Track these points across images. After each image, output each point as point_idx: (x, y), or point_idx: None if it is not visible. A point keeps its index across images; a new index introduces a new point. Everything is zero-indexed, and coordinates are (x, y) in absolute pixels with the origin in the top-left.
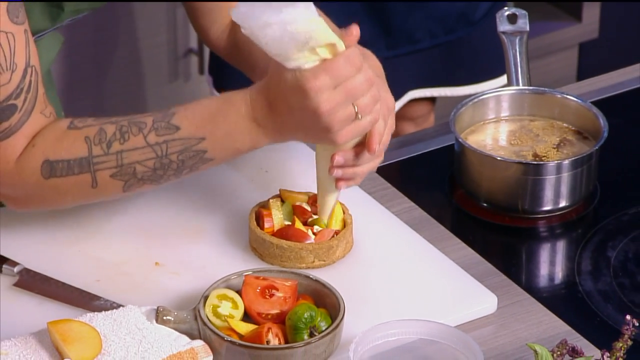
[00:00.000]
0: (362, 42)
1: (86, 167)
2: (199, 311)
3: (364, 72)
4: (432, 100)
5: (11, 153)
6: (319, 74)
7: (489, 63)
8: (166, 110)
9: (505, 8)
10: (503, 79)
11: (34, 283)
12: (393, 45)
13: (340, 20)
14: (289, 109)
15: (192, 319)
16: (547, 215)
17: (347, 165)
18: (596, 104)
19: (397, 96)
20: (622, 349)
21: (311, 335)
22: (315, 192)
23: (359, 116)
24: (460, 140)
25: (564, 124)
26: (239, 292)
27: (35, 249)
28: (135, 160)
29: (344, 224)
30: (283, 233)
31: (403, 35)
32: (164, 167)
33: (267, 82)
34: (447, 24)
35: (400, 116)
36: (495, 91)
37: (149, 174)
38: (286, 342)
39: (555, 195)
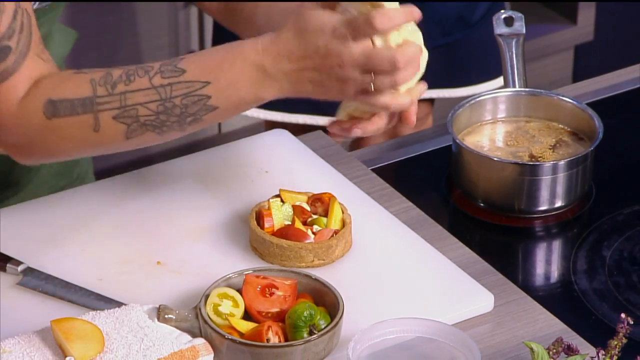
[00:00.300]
0: None
1: (89, 107)
2: (200, 309)
3: (406, 51)
4: (430, 101)
5: (13, 95)
6: (365, 23)
7: (485, 65)
8: (176, 57)
9: (502, 11)
10: (500, 81)
11: (37, 282)
12: None
13: None
14: (310, 54)
15: (193, 317)
16: (543, 215)
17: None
18: (591, 105)
19: None
20: (617, 347)
21: (311, 333)
22: (314, 192)
23: (372, 87)
24: (457, 141)
25: (560, 125)
26: (239, 290)
27: (39, 249)
28: (139, 101)
29: (343, 224)
30: (283, 232)
31: None
32: (167, 112)
33: (283, 32)
34: (444, 27)
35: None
36: (492, 93)
37: (152, 119)
38: (286, 340)
39: (551, 195)
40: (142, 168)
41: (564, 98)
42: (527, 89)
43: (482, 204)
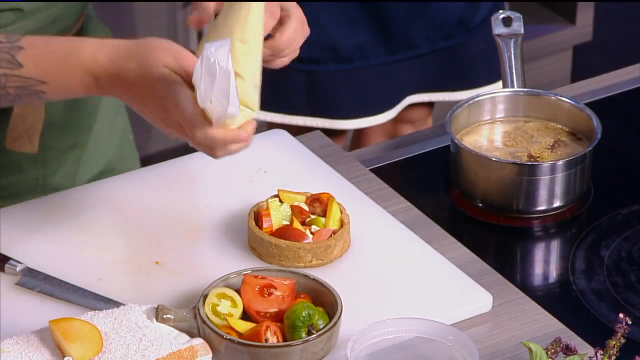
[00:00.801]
0: (362, 48)
1: None
2: (198, 310)
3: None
4: (430, 104)
5: None
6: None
7: (486, 68)
8: (15, 39)
9: (500, 11)
10: (499, 85)
11: (36, 282)
12: (392, 51)
13: (340, 26)
14: (144, 96)
15: (191, 317)
16: (541, 215)
17: None
18: (590, 105)
19: (396, 101)
20: (615, 346)
21: (309, 333)
22: (313, 192)
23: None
24: (456, 141)
25: (558, 125)
26: (237, 291)
27: (37, 249)
28: None
29: (342, 224)
30: (281, 233)
31: (402, 40)
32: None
33: (126, 60)
34: (445, 30)
35: (399, 119)
36: (491, 93)
37: None
38: (284, 340)
39: (550, 195)
40: (140, 168)
41: (562, 98)
42: (525, 89)
43: (480, 204)
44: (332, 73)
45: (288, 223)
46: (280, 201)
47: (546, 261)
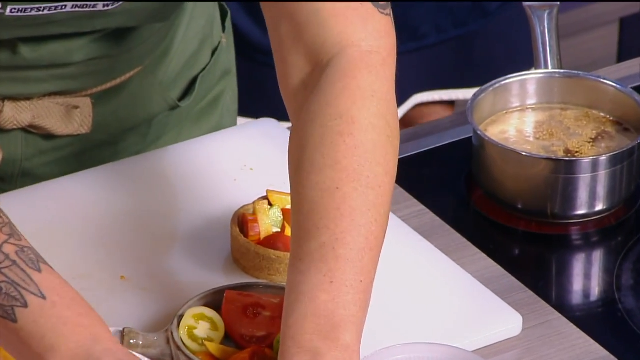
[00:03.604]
0: None
1: None
2: (171, 333)
3: None
4: (450, 102)
5: None
6: None
7: (508, 60)
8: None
9: None
10: None
11: None
12: None
13: None
14: None
15: (163, 342)
16: (581, 220)
17: None
18: (639, 89)
19: (400, 100)
20: None
21: None
22: None
23: None
24: (479, 132)
25: (601, 114)
26: (218, 310)
27: None
28: None
29: None
30: (271, 241)
31: (405, 29)
32: None
33: None
34: (457, 16)
35: (407, 123)
36: (521, 75)
37: None
38: None
39: (591, 197)
40: (102, 165)
41: (605, 81)
42: (561, 71)
43: (508, 208)
44: None
45: (279, 230)
46: (270, 204)
47: (587, 275)
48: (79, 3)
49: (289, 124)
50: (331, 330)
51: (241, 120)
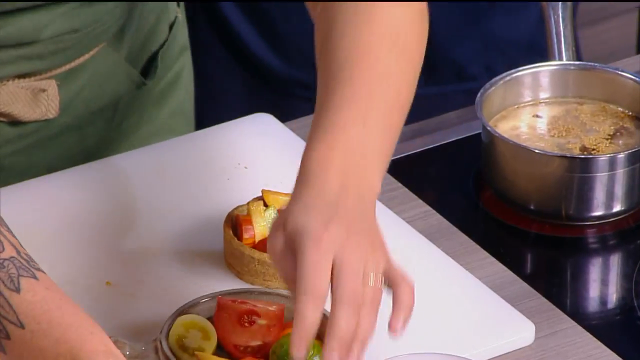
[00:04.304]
0: None
1: None
2: (160, 343)
3: None
4: None
5: None
6: None
7: None
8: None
9: None
10: None
11: None
12: (436, 81)
13: None
14: None
15: (151, 352)
16: (597, 222)
17: None
18: None
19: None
20: None
21: None
22: None
23: None
24: (488, 128)
25: (619, 108)
26: (210, 319)
27: None
28: None
29: None
30: (267, 245)
31: (449, 68)
32: None
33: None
34: (511, 55)
35: None
36: (533, 67)
37: None
38: None
39: (608, 197)
40: (88, 163)
41: (624, 73)
42: (577, 62)
43: (520, 209)
44: None
45: None
46: (266, 205)
47: (604, 281)
48: None
49: (289, 122)
50: (359, 167)
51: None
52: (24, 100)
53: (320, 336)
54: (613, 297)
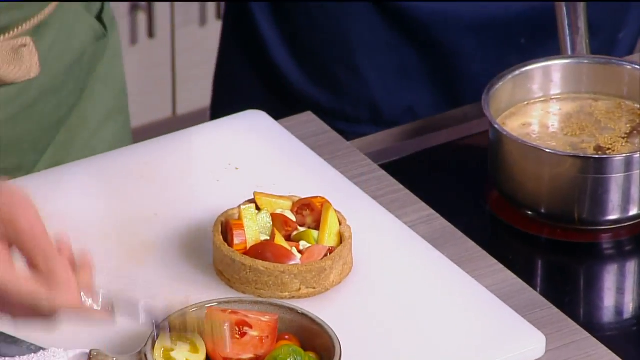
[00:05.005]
0: (415, 109)
1: None
2: (145, 356)
3: None
4: None
5: None
6: None
7: None
8: None
9: None
10: None
11: None
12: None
13: (385, 79)
14: None
15: None
16: (612, 226)
17: None
18: None
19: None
20: None
21: None
22: (301, 196)
23: None
24: (496, 126)
25: (636, 105)
26: (199, 330)
27: None
28: None
29: (341, 239)
30: (259, 251)
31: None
32: None
33: None
34: None
35: None
36: (544, 60)
37: None
38: None
39: (624, 200)
40: (67, 163)
41: None
42: (591, 56)
43: (529, 212)
44: None
45: (268, 238)
46: (258, 208)
47: (619, 289)
48: None
49: (283, 120)
50: None
51: None
52: (8, 57)
53: (304, 345)
54: (629, 307)
